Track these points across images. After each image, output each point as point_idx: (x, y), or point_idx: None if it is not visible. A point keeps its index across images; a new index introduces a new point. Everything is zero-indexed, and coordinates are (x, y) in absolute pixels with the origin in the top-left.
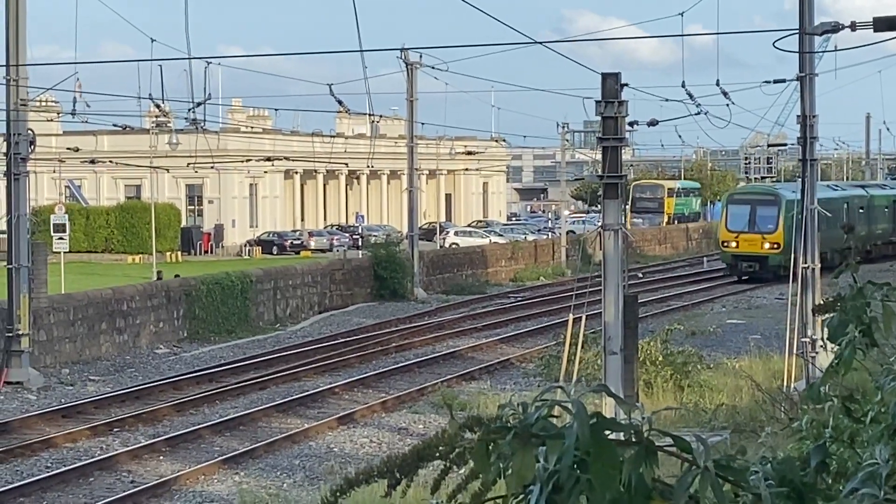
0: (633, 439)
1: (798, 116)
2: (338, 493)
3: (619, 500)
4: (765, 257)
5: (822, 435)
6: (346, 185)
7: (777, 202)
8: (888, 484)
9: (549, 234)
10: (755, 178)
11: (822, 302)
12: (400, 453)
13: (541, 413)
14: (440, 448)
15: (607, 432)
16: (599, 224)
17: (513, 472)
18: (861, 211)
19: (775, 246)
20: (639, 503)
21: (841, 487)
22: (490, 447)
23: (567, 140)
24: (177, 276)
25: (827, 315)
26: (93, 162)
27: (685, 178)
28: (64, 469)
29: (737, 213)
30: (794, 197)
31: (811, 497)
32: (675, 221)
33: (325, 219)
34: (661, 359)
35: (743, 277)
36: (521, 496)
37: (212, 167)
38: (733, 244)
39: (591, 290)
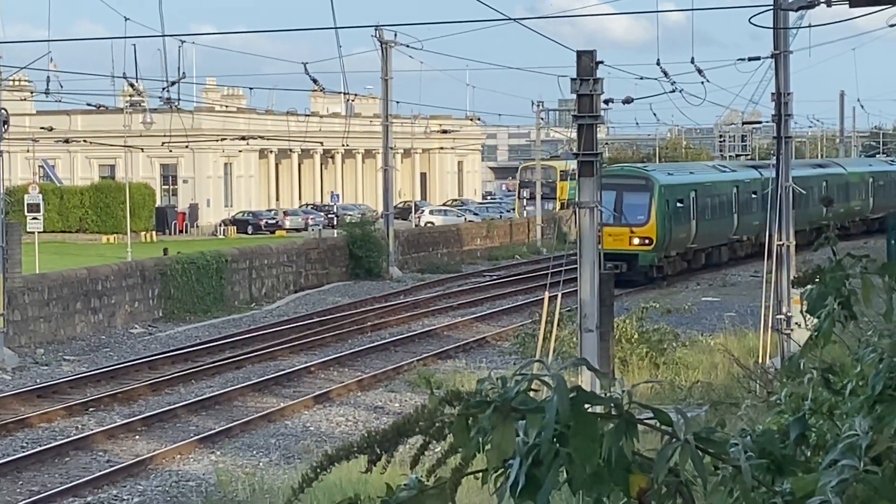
0: (613, 413)
1: (772, 94)
2: (318, 470)
3: (599, 474)
4: (633, 255)
5: (802, 408)
6: (321, 164)
7: (649, 187)
8: (867, 455)
9: (525, 212)
10: (730, 156)
11: (799, 275)
12: (380, 429)
13: (520, 387)
14: (420, 423)
15: (587, 406)
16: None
17: (493, 447)
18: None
19: (646, 241)
20: (619, 476)
21: (820, 459)
22: (470, 422)
23: (542, 118)
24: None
25: (804, 288)
26: (67, 141)
27: (660, 157)
28: (39, 449)
29: None
30: (670, 181)
31: (791, 469)
32: (570, 208)
33: (300, 198)
34: (636, 336)
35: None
36: (501, 470)
37: (186, 146)
38: None
39: (566, 268)
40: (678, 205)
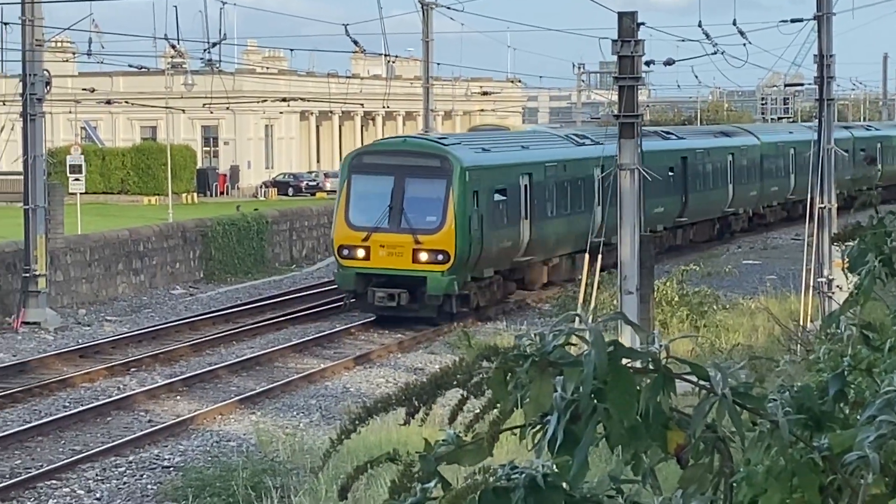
0: (651, 367)
1: (815, 56)
2: (357, 422)
3: (637, 429)
4: (420, 279)
5: (840, 365)
6: (362, 126)
7: (445, 171)
8: None
9: None
10: (772, 119)
11: (840, 231)
12: (418, 382)
13: (558, 342)
14: (458, 376)
15: (625, 360)
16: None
17: (531, 401)
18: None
19: (440, 257)
20: (656, 432)
21: (859, 416)
22: (508, 377)
23: (583, 81)
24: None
25: (843, 245)
26: (108, 103)
27: (701, 120)
28: (81, 408)
29: (367, 194)
30: (482, 161)
31: (829, 425)
32: None
33: (340, 160)
34: (676, 299)
35: (382, 315)
36: (539, 426)
37: (227, 108)
38: (360, 253)
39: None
40: (496, 198)
